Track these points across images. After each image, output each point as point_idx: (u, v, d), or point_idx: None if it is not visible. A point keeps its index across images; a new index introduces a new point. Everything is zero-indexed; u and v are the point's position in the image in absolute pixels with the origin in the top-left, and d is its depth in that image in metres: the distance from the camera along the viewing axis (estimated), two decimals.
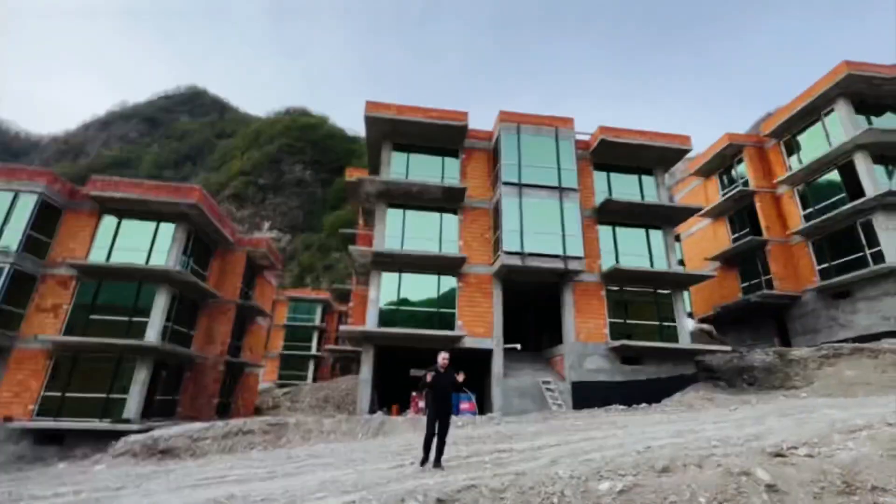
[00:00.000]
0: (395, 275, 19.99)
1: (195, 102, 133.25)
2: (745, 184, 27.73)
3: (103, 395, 18.03)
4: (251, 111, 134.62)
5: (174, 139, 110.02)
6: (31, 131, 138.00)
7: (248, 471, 9.74)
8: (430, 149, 22.29)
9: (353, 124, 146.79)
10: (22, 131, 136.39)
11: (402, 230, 20.61)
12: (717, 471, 5.89)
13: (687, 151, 22.69)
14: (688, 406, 16.08)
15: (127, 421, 17.40)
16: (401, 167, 21.65)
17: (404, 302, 19.85)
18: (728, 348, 21.46)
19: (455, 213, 21.30)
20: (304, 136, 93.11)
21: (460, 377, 8.08)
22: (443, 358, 8.10)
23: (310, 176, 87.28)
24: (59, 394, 17.81)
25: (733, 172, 29.36)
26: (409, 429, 13.96)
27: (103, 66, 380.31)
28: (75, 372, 18.28)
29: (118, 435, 15.60)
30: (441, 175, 21.78)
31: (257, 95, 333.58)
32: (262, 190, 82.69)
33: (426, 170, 21.71)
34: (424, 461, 7.89)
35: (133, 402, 17.90)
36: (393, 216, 20.85)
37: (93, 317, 19.06)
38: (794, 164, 25.70)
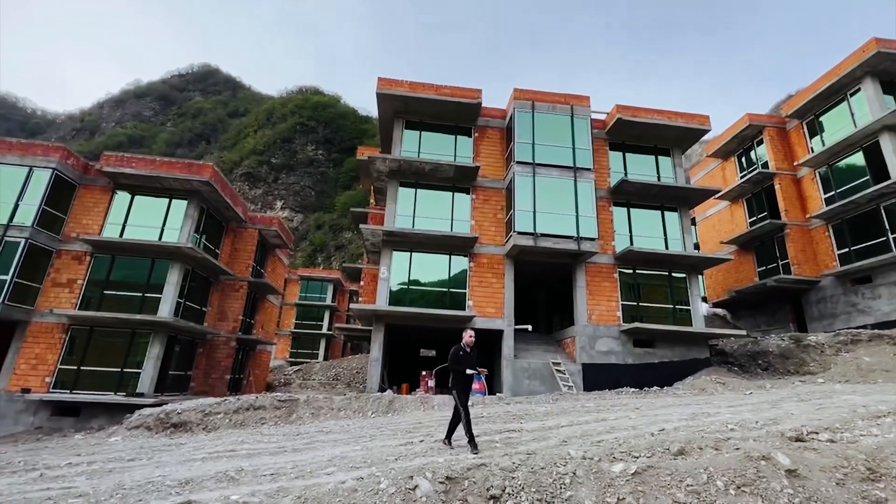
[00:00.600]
0: (406, 254, 19.88)
1: (208, 81, 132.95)
2: (765, 166, 27.10)
3: (118, 369, 18.25)
4: (264, 90, 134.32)
5: (188, 117, 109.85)
6: (48, 109, 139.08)
7: (258, 445, 9.77)
8: (442, 127, 21.96)
9: (366, 104, 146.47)
10: (38, 109, 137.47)
11: (414, 209, 20.40)
12: (735, 454, 5.74)
13: (706, 131, 22.12)
14: (700, 390, 15.89)
15: (141, 394, 17.63)
16: (413, 145, 21.37)
17: (415, 281, 19.76)
18: (742, 333, 21.20)
19: (467, 192, 21.03)
20: (316, 115, 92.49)
21: (483, 372, 7.98)
22: (469, 336, 7.90)
23: (322, 155, 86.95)
24: (74, 367, 18.05)
25: (752, 154, 28.68)
26: (418, 407, 13.96)
27: (117, 45, 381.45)
28: (90, 346, 18.50)
29: (132, 408, 15.84)
30: (453, 154, 21.48)
31: (270, 74, 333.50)
32: (274, 169, 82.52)
33: (438, 148, 21.42)
34: (472, 442, 7.22)
35: (147, 376, 18.10)
36: (404, 195, 20.64)
37: (107, 292, 19.22)
38: (817, 145, 25.02)
